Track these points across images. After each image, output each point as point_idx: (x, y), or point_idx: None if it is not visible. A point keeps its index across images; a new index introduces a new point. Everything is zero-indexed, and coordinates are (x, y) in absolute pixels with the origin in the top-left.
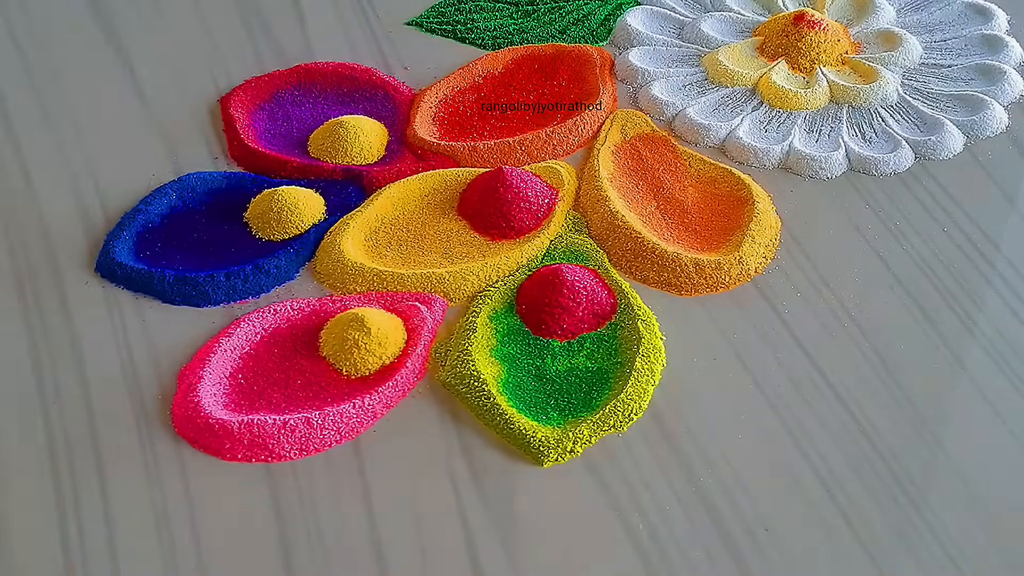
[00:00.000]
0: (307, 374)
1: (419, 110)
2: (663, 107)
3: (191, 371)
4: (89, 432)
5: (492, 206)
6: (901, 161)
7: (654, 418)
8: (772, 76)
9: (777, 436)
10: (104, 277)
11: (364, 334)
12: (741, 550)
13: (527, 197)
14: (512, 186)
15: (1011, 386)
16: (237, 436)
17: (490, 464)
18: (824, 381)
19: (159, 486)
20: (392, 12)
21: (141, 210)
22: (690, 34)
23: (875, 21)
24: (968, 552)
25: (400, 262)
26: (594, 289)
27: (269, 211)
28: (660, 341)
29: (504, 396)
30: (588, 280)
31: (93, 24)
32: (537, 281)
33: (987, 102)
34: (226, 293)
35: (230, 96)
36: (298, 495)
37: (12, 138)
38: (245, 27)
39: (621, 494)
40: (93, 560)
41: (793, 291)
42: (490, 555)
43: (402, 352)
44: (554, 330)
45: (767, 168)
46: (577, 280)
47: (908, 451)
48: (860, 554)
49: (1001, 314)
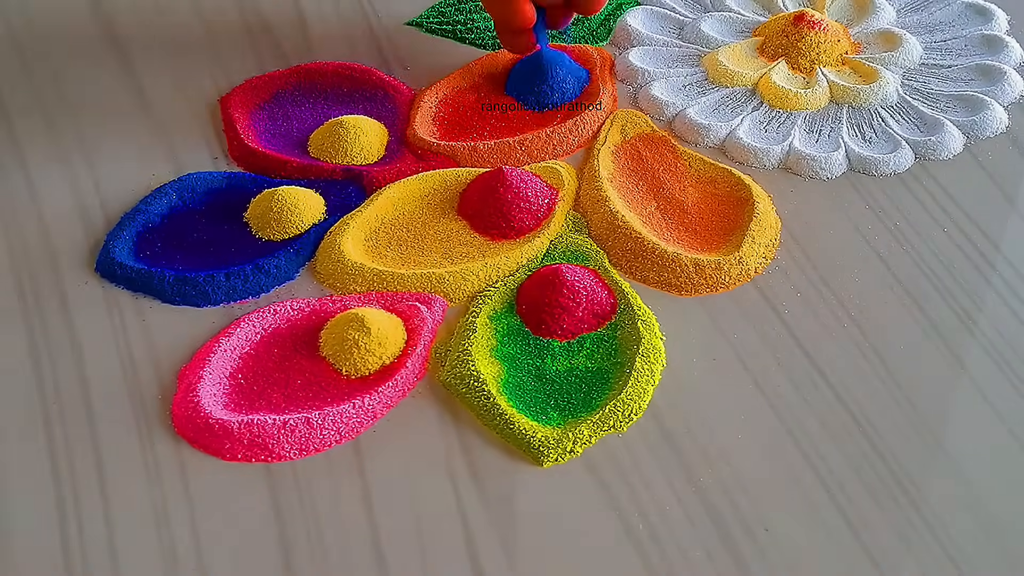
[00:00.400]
0: (307, 374)
1: (419, 110)
2: (663, 107)
3: (191, 371)
4: (89, 432)
5: (492, 206)
6: (901, 161)
7: (654, 418)
8: (772, 76)
9: (777, 436)
10: (104, 277)
11: (364, 334)
12: (741, 550)
13: (527, 197)
14: (512, 186)
15: (1011, 386)
16: (237, 436)
17: (490, 464)
18: (824, 381)
19: (159, 486)
20: (392, 12)
21: (141, 210)
22: (690, 34)
23: (875, 21)
24: (968, 552)
25: (400, 262)
26: (594, 289)
27: (269, 211)
28: (660, 341)
29: (504, 396)
30: (588, 280)
31: (93, 24)
32: (537, 281)
33: (987, 102)
34: (226, 293)
35: (230, 96)
36: (298, 495)
37: (12, 138)
38: (245, 27)
39: (621, 494)
40: (93, 560)
41: (793, 291)
42: (490, 555)
43: (402, 352)
44: (554, 330)
45: (767, 168)
46: (577, 280)
47: (908, 451)
48: (860, 554)
49: (1001, 314)
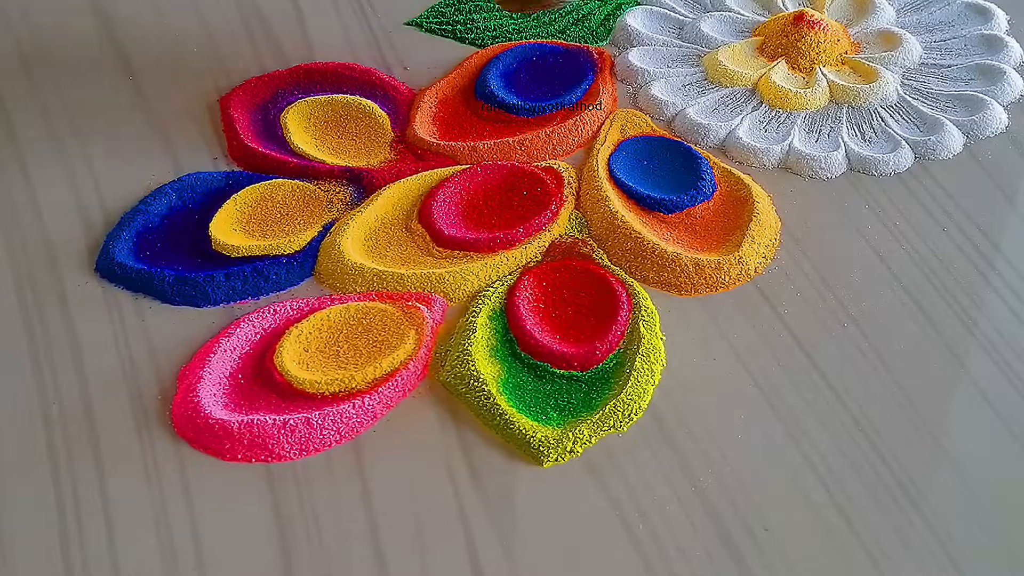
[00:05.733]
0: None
1: (419, 110)
2: (663, 107)
3: (191, 371)
4: (89, 432)
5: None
6: (901, 161)
7: (654, 418)
8: (772, 76)
9: (777, 436)
10: (104, 277)
11: None
12: (741, 550)
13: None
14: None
15: (1011, 386)
16: (237, 436)
17: (490, 464)
18: (824, 381)
19: (159, 486)
20: (391, 12)
21: (141, 210)
22: (690, 34)
23: (875, 21)
24: (968, 552)
25: (400, 262)
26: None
27: None
28: (660, 341)
29: (504, 396)
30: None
31: (93, 24)
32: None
33: (987, 102)
34: (226, 294)
35: (230, 96)
36: (298, 495)
37: (12, 138)
38: (245, 27)
39: (621, 494)
40: (93, 560)
41: (793, 291)
42: (490, 555)
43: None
44: None
45: (767, 168)
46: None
47: (908, 451)
48: (860, 554)
49: (1001, 314)
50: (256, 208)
